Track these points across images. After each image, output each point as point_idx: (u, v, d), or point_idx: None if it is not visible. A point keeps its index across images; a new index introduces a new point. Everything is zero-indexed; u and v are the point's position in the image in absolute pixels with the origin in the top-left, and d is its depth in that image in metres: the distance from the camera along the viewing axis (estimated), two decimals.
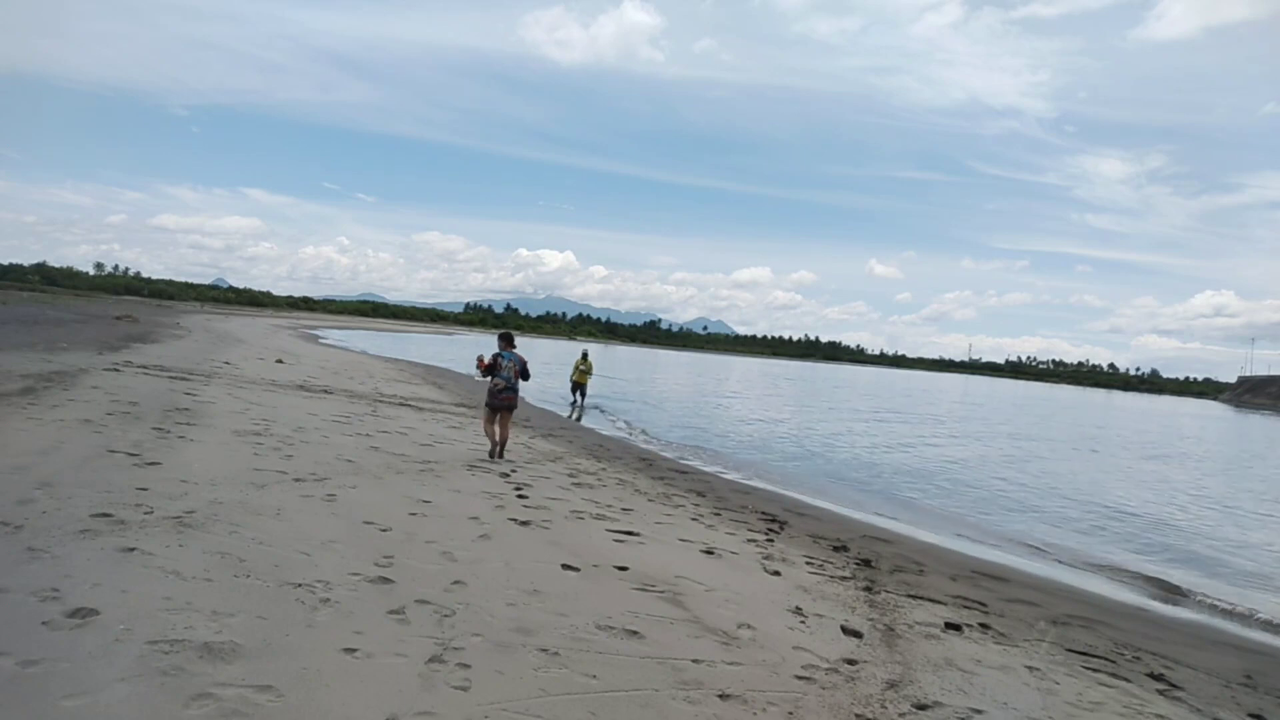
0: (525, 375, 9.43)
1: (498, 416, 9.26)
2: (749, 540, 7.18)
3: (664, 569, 5.43)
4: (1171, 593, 8.13)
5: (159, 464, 6.22)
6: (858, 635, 4.70)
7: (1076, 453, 23.69)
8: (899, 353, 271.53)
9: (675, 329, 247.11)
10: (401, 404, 14.32)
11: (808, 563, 6.63)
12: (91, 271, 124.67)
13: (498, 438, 9.30)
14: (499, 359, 9.25)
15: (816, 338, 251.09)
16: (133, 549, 4.12)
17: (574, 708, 3.12)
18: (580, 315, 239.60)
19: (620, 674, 3.51)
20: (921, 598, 6.01)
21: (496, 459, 9.20)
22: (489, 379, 9.23)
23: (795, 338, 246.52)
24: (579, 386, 20.38)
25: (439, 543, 5.18)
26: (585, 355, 20.82)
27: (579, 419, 18.37)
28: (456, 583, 4.40)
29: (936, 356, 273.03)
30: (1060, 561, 9.00)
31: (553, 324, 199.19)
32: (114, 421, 7.78)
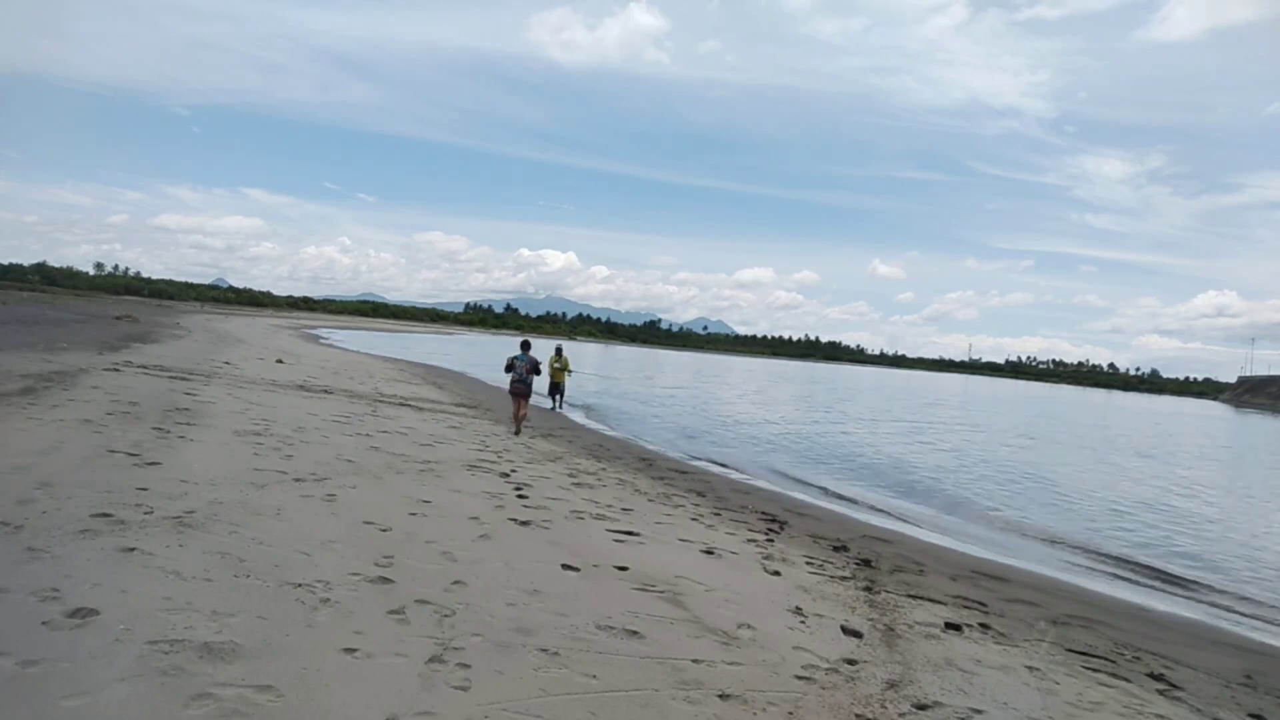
0: (537, 371, 12.98)
1: (516, 401, 12.65)
2: (749, 540, 7.18)
3: (664, 569, 5.43)
4: (1171, 592, 8.13)
5: (159, 464, 6.22)
6: (858, 635, 4.70)
7: (1083, 451, 23.71)
8: (899, 353, 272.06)
9: (675, 329, 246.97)
10: (401, 404, 14.32)
11: (808, 563, 6.63)
12: (92, 271, 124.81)
13: (516, 416, 12.61)
14: (515, 360, 12.74)
15: (816, 338, 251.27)
16: (133, 549, 4.12)
17: (574, 708, 3.12)
18: (580, 315, 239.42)
19: (620, 674, 3.51)
20: (921, 598, 6.01)
21: (515, 435, 12.14)
22: (509, 374, 12.78)
23: (796, 338, 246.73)
24: (556, 386, 18.83)
25: (439, 543, 5.18)
26: (559, 351, 18.82)
27: (552, 410, 18.31)
28: (456, 583, 4.40)
29: (936, 356, 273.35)
30: (1062, 560, 9.01)
31: (553, 324, 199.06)
32: (114, 421, 7.78)
